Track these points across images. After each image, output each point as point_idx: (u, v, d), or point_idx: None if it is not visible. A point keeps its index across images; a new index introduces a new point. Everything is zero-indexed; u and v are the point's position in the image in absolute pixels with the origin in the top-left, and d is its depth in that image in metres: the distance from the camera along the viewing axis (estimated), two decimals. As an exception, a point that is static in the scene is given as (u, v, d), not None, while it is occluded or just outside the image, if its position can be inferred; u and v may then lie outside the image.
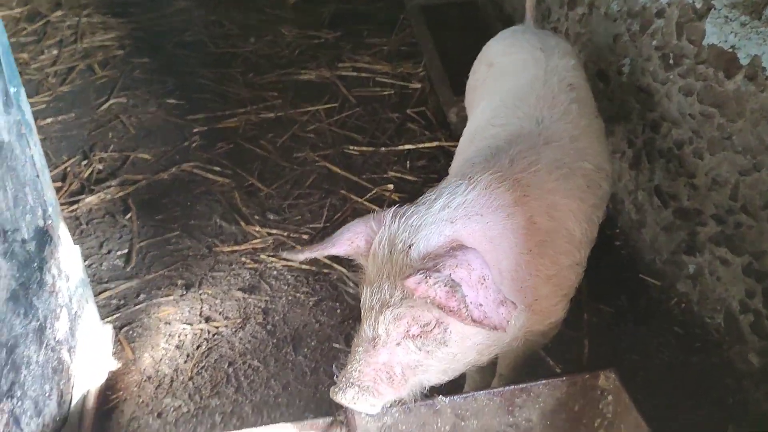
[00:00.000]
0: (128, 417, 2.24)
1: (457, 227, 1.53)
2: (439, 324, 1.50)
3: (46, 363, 1.81)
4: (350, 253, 1.59)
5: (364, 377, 1.51)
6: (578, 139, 1.94)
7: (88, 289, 2.25)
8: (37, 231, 1.82)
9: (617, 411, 1.76)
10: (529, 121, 1.97)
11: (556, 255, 1.71)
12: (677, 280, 2.56)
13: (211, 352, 2.46)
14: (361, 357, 1.53)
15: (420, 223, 1.52)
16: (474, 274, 1.41)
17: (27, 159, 1.80)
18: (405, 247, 1.49)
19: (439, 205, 1.56)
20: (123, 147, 3.54)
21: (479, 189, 1.62)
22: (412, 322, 1.49)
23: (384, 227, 1.54)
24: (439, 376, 1.60)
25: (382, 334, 1.50)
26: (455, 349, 1.54)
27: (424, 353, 1.52)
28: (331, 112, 3.76)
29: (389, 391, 1.54)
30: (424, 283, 1.37)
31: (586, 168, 1.89)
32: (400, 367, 1.53)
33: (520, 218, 1.64)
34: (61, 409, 1.90)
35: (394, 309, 1.48)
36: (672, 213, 2.54)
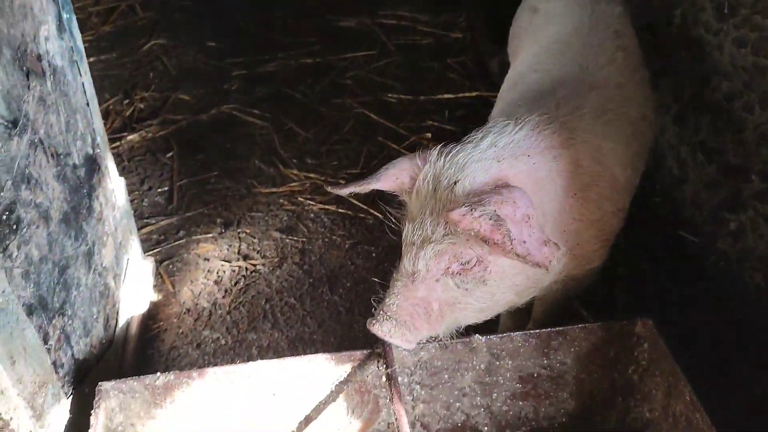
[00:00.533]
0: (168, 346, 2.31)
1: (504, 167, 1.52)
2: (479, 262, 1.50)
3: (93, 287, 1.87)
4: (394, 189, 1.60)
5: (401, 311, 1.53)
6: (624, 87, 1.91)
7: (131, 221, 2.31)
8: (86, 158, 1.86)
9: (652, 358, 1.77)
10: (573, 67, 1.95)
11: (600, 200, 1.70)
12: (717, 238, 2.53)
13: (248, 288, 2.51)
14: (399, 291, 1.54)
15: (466, 160, 1.51)
16: (519, 212, 1.41)
17: (78, 86, 1.82)
18: (450, 183, 1.49)
19: (485, 143, 1.55)
20: (163, 87, 3.57)
21: (527, 130, 1.61)
22: (452, 259, 1.50)
23: (429, 164, 1.54)
24: (476, 315, 1.62)
25: (422, 269, 1.51)
26: (494, 288, 1.55)
27: (462, 291, 1.53)
28: (370, 59, 3.73)
29: (425, 327, 1.55)
30: (469, 215, 1.37)
31: (632, 115, 1.87)
32: (437, 303, 1.54)
33: (567, 161, 1.63)
34: (107, 333, 1.97)
35: (436, 245, 1.49)
36: (716, 169, 2.49)
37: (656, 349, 1.74)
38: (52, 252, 1.59)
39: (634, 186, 1.88)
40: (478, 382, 1.78)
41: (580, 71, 1.92)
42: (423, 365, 1.74)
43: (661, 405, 1.75)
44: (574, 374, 1.81)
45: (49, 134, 1.60)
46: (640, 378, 1.82)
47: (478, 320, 1.65)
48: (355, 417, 1.78)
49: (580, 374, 1.81)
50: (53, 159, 1.61)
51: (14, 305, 1.37)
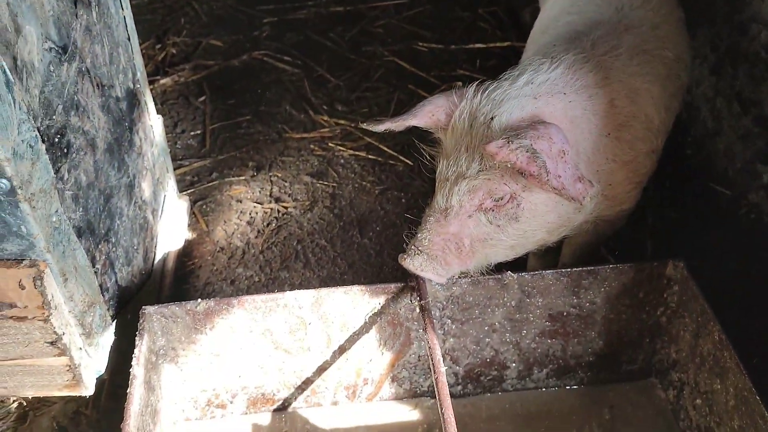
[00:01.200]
0: (203, 282, 2.37)
1: (540, 104, 1.53)
2: (512, 199, 1.53)
3: (134, 218, 1.92)
4: (430, 126, 1.61)
5: (433, 246, 1.56)
6: (659, 27, 1.89)
7: (168, 159, 2.35)
8: (128, 92, 1.90)
9: (682, 300, 1.79)
10: (608, 8, 1.93)
11: (634, 140, 1.71)
12: (749, 190, 2.52)
13: (280, 229, 2.56)
14: (432, 226, 1.57)
15: (503, 97, 1.52)
16: (555, 147, 1.43)
17: (120, 20, 1.85)
18: (486, 119, 1.50)
19: (522, 80, 1.56)
20: (195, 33, 3.58)
21: (563, 68, 1.61)
22: (486, 195, 1.52)
23: (466, 100, 1.56)
24: (506, 252, 1.64)
25: (455, 204, 1.54)
26: (526, 225, 1.57)
27: (494, 227, 1.56)
28: (400, 8, 3.70)
29: (456, 262, 1.59)
30: (506, 147, 1.38)
31: (667, 56, 1.86)
32: (469, 239, 1.57)
33: (602, 100, 1.64)
34: (146, 264, 2.03)
35: (470, 181, 1.51)
36: (752, 120, 2.47)
37: (686, 291, 1.76)
38: (98, 179, 1.63)
39: (668, 128, 1.88)
40: (508, 318, 1.82)
41: (615, 12, 1.91)
42: (455, 300, 1.78)
43: (688, 345, 1.78)
44: (603, 314, 1.84)
45: (95, 64, 1.63)
46: (668, 320, 1.84)
47: (508, 257, 1.68)
48: (387, 348, 1.83)
49: (608, 314, 1.84)
50: (98, 89, 1.65)
51: (66, 225, 1.42)
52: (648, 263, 1.79)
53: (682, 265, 1.77)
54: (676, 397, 1.86)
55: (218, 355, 1.77)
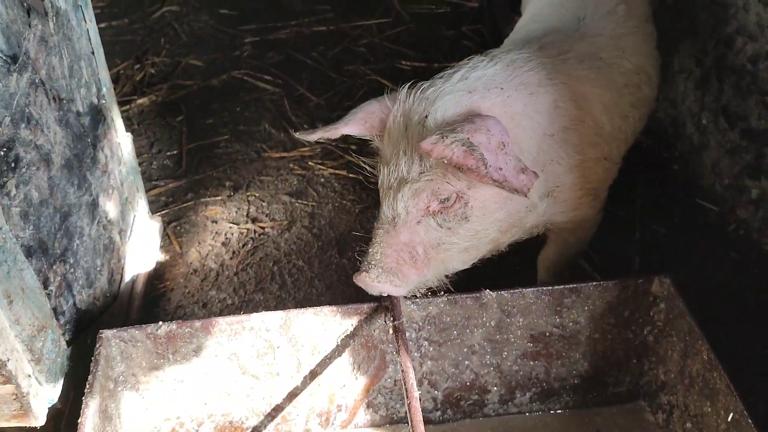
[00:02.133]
0: (175, 305, 2.28)
1: (476, 98, 1.47)
2: (459, 198, 1.47)
3: (98, 238, 1.84)
4: (364, 133, 1.55)
5: (386, 258, 1.50)
6: (620, 38, 1.88)
7: (139, 179, 2.27)
8: (91, 107, 1.83)
9: (669, 318, 1.71)
10: (570, 18, 1.92)
11: (581, 144, 1.66)
12: (737, 206, 2.45)
13: (256, 250, 2.48)
14: (381, 238, 1.51)
15: (437, 94, 1.47)
16: (493, 140, 1.37)
17: (82, 32, 1.79)
18: (421, 118, 1.44)
19: (457, 77, 1.51)
20: (174, 53, 3.52)
21: (501, 65, 1.57)
22: (431, 197, 1.46)
23: (399, 102, 1.50)
24: (462, 256, 1.57)
25: (402, 212, 1.48)
26: (476, 224, 1.51)
27: (445, 230, 1.49)
28: (383, 27, 3.67)
29: (413, 272, 1.52)
30: (441, 143, 1.32)
31: (626, 66, 1.83)
32: (422, 246, 1.51)
33: (543, 99, 1.59)
34: (112, 287, 1.94)
35: (413, 184, 1.45)
36: (739, 134, 2.41)
37: (673, 309, 1.69)
38: (53, 197, 1.55)
39: (627, 137, 1.85)
40: (488, 339, 1.73)
41: (577, 21, 1.89)
42: (431, 320, 1.70)
43: (677, 366, 1.69)
44: (587, 334, 1.76)
45: (51, 76, 1.56)
46: (655, 339, 1.76)
47: (465, 263, 1.61)
48: (361, 373, 1.74)
49: (593, 334, 1.76)
50: (55, 102, 1.58)
51: (12, 244, 1.33)
52: (633, 280, 1.72)
53: (669, 281, 1.70)
54: (665, 421, 1.77)
55: (182, 381, 1.68)
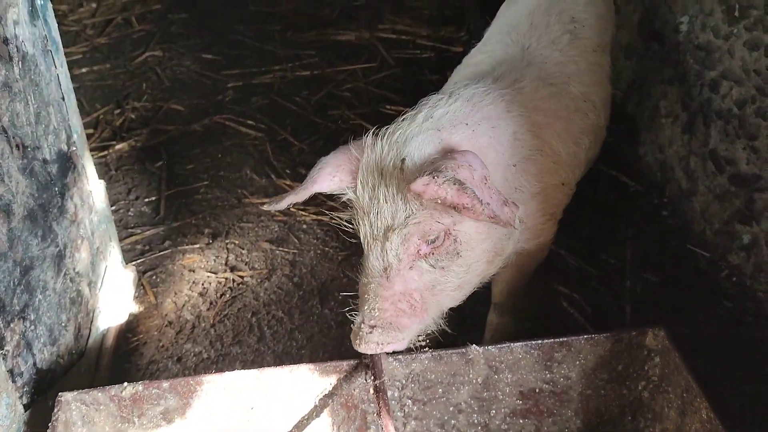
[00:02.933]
0: (147, 359, 2.17)
1: (444, 135, 1.45)
2: (447, 235, 1.43)
3: (64, 292, 1.74)
4: (334, 189, 1.49)
5: (385, 314, 1.41)
6: (564, 65, 1.90)
7: (112, 227, 2.19)
8: (60, 155, 1.75)
9: (665, 373, 1.63)
10: (515, 47, 1.94)
11: (540, 173, 1.66)
12: (729, 252, 2.40)
13: (235, 301, 2.38)
14: (375, 293, 1.42)
15: (405, 137, 1.44)
16: (477, 174, 1.34)
17: (52, 78, 1.72)
18: (397, 162, 1.40)
19: (420, 117, 1.48)
20: (156, 98, 3.48)
21: (462, 101, 1.56)
22: (421, 240, 1.41)
23: (367, 150, 1.46)
24: (455, 294, 1.52)
25: (393, 260, 1.41)
26: (467, 258, 1.47)
27: (439, 270, 1.45)
28: (368, 72, 3.65)
29: (415, 321, 1.45)
30: (433, 183, 1.27)
31: (573, 92, 1.86)
32: (418, 292, 1.44)
33: (505, 131, 1.59)
34: (78, 343, 1.84)
35: (401, 230, 1.39)
36: (728, 179, 2.37)
37: (669, 363, 1.60)
38: (13, 249, 1.47)
39: (581, 163, 1.87)
40: (475, 397, 1.64)
41: (521, 50, 1.92)
42: (415, 378, 1.60)
43: (674, 424, 1.60)
44: (579, 390, 1.67)
45: (14, 123, 1.49)
46: (651, 395, 1.67)
47: (457, 300, 1.56)
48: (341, 434, 1.64)
49: (585, 390, 1.67)
50: (18, 150, 1.50)
51: (-38, 302, 1.24)
52: (626, 332, 1.64)
53: (663, 333, 1.62)
54: (664, 483, 1.67)
55: (149, 446, 1.57)
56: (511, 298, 2.01)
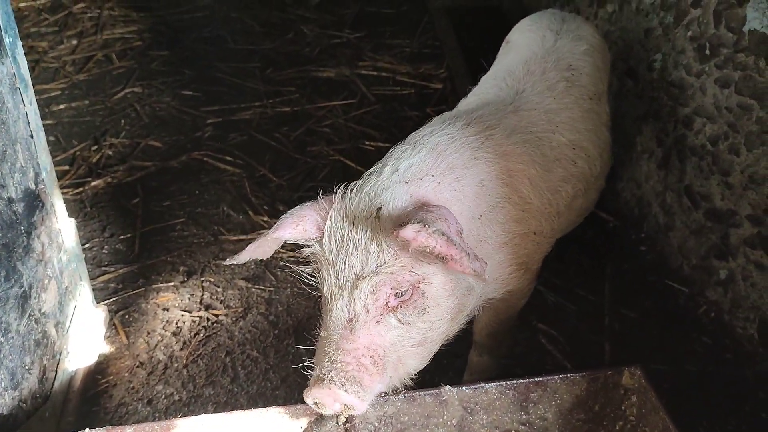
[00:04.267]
0: (117, 402, 2.11)
1: (412, 189, 1.45)
2: (415, 289, 1.40)
3: (28, 334, 1.70)
4: (296, 238, 1.47)
5: (348, 367, 1.34)
6: (557, 113, 1.89)
7: (82, 266, 2.15)
8: (26, 193, 1.72)
9: (642, 413, 1.60)
10: (508, 92, 1.94)
11: (507, 222, 1.64)
12: (707, 287, 2.39)
13: (209, 340, 2.33)
14: (337, 345, 1.37)
15: (376, 189, 1.44)
16: (452, 228, 1.33)
17: (20, 115, 1.70)
18: (372, 211, 1.39)
19: (387, 171, 1.49)
20: (134, 134, 3.46)
21: (425, 151, 1.55)
22: (390, 292, 1.37)
23: (337, 203, 1.45)
24: (419, 353, 1.47)
25: (361, 311, 1.37)
26: (433, 315, 1.43)
27: (405, 326, 1.40)
28: (348, 108, 3.66)
29: (377, 379, 1.38)
30: (424, 231, 1.26)
31: (559, 140, 1.84)
32: (382, 348, 1.39)
33: (470, 181, 1.57)
34: (43, 386, 1.78)
35: (372, 278, 1.35)
36: (703, 214, 2.38)
37: (646, 402, 1.58)
38: (-27, 291, 1.43)
39: (560, 211, 1.82)
40: (450, 440, 1.60)
41: (513, 95, 1.92)
42: (388, 420, 1.56)
43: (652, 466, 1.57)
44: (556, 430, 1.63)
45: (-22, 162, 1.47)
46: (628, 435, 1.64)
47: (423, 360, 1.50)
48: (312, 480, 1.58)
49: (563, 430, 1.64)
50: (-18, 189, 1.47)
51: None
52: (602, 371, 1.62)
53: (640, 372, 1.60)
54: None
55: (112, 495, 1.51)
56: (491, 339, 1.99)
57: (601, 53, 2.23)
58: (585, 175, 1.90)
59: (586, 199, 1.96)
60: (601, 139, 2.01)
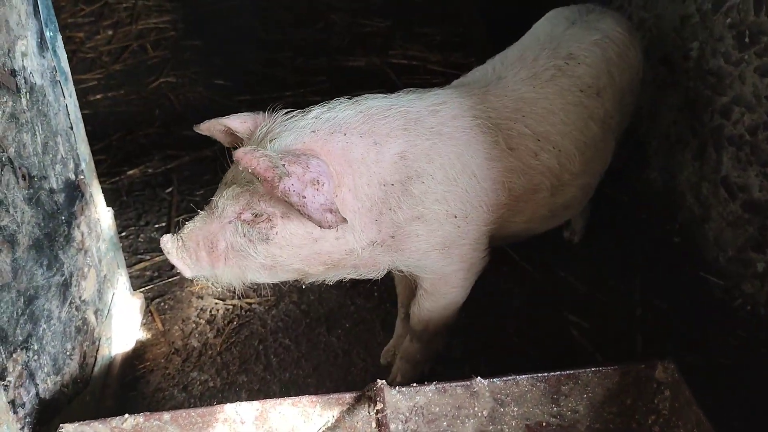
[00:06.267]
0: (153, 387, 2.16)
1: (316, 138, 1.54)
2: (268, 219, 1.53)
3: (69, 321, 1.75)
4: (238, 130, 1.65)
5: (191, 237, 1.57)
6: (530, 103, 1.83)
7: (120, 255, 2.19)
8: (67, 184, 1.77)
9: (675, 407, 1.59)
10: (490, 75, 1.91)
11: (422, 197, 1.63)
12: (743, 280, 2.36)
13: (242, 328, 2.37)
14: (197, 220, 1.59)
15: (287, 126, 1.56)
16: (309, 175, 1.43)
17: (60, 108, 1.74)
18: (268, 139, 1.54)
19: (313, 114, 1.58)
20: (168, 123, 3.51)
21: (355, 110, 1.61)
22: (246, 206, 1.53)
23: (267, 119, 1.62)
24: (261, 272, 1.62)
25: (220, 206, 1.56)
26: (276, 250, 1.57)
27: (246, 240, 1.56)
28: (379, 94, 3.66)
29: (206, 260, 1.58)
30: (251, 153, 1.39)
31: (521, 130, 1.79)
32: (224, 243, 1.57)
33: (388, 149, 1.59)
34: (83, 372, 1.83)
35: (236, 187, 1.54)
36: (740, 206, 2.34)
37: (679, 397, 1.57)
38: (17, 279, 1.47)
39: (498, 203, 1.78)
40: (481, 430, 1.61)
41: (492, 79, 1.88)
42: (419, 411, 1.58)
43: (685, 460, 1.56)
44: (587, 423, 1.64)
45: (21, 154, 1.51)
46: (661, 429, 1.64)
47: (265, 279, 1.66)
48: (344, 468, 1.61)
49: (594, 424, 1.64)
50: (24, 180, 1.51)
51: (-37, 334, 1.24)
52: (634, 365, 1.61)
53: (673, 366, 1.59)
54: None
55: (150, 478, 1.56)
56: (422, 327, 1.96)
57: (619, 47, 2.07)
58: (551, 170, 1.83)
59: (559, 196, 1.89)
60: (586, 135, 1.90)
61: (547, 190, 1.85)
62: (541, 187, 1.83)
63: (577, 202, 2.03)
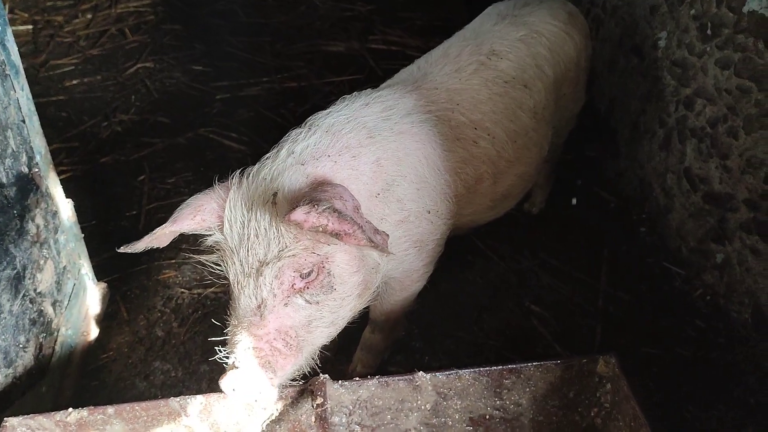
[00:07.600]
0: (115, 377, 2.19)
1: (309, 169, 1.47)
2: (321, 269, 1.42)
3: (22, 314, 1.76)
4: (196, 229, 1.49)
5: (261, 353, 1.37)
6: (459, 93, 1.86)
7: (81, 245, 2.21)
8: (18, 177, 1.77)
9: (615, 401, 1.62)
10: (416, 73, 1.93)
11: (402, 200, 1.65)
12: (703, 270, 2.37)
13: (206, 317, 2.39)
14: (249, 332, 1.39)
15: (272, 174, 1.45)
16: (348, 205, 1.36)
17: (11, 102, 1.74)
18: (268, 197, 1.40)
19: (283, 154, 1.51)
20: (144, 110, 3.50)
21: (320, 132, 1.56)
22: (295, 274, 1.39)
23: (234, 190, 1.46)
24: (329, 330, 1.51)
25: (268, 296, 1.39)
26: (341, 291, 1.47)
27: (314, 306, 1.43)
28: (356, 84, 3.65)
29: (290, 361, 1.42)
30: (314, 211, 1.27)
31: (459, 120, 1.82)
32: (293, 329, 1.42)
33: (366, 159, 1.58)
34: (39, 363, 1.85)
35: (274, 264, 1.37)
36: (701, 197, 2.35)
37: (619, 391, 1.59)
38: (-38, 275, 1.49)
39: (460, 193, 1.82)
40: (425, 423, 1.64)
41: (419, 75, 1.90)
42: (362, 404, 1.60)
43: (624, 453, 1.59)
44: (530, 416, 1.66)
45: (-36, 150, 1.51)
46: (603, 422, 1.66)
47: (330, 336, 1.55)
48: (289, 460, 1.64)
49: (537, 416, 1.66)
50: (-31, 176, 1.52)
51: None
52: (577, 359, 1.63)
53: (614, 361, 1.61)
54: None
55: (97, 470, 1.58)
56: (386, 319, 2.00)
57: (550, 40, 2.08)
58: (491, 157, 1.87)
59: (499, 184, 1.93)
60: (516, 124, 1.93)
61: (490, 178, 1.89)
62: (485, 176, 1.87)
63: (516, 191, 2.06)
